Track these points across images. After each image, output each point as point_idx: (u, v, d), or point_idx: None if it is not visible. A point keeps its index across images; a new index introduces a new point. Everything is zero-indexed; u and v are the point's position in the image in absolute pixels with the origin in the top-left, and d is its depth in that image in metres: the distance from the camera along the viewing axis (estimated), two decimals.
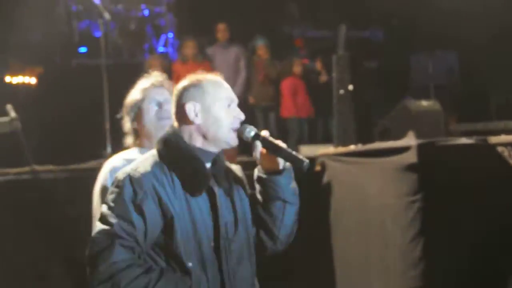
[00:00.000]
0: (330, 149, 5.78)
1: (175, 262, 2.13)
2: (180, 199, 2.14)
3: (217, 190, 2.21)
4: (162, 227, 2.13)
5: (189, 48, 7.51)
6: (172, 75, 7.48)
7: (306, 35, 9.20)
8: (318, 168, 5.17)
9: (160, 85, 2.80)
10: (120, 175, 2.17)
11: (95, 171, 2.61)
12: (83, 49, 8.68)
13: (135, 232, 2.08)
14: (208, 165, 2.22)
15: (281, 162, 2.24)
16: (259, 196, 2.30)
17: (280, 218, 2.28)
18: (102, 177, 2.74)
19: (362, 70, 8.59)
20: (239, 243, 2.22)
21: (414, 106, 6.23)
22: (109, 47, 5.49)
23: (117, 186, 2.15)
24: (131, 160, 2.63)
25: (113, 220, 2.09)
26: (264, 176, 2.26)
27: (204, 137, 2.20)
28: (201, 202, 2.18)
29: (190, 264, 2.11)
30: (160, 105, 2.74)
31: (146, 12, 8.95)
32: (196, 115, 2.20)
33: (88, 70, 7.89)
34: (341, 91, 5.76)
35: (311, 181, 4.99)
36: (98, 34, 8.50)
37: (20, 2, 7.73)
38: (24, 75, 7.71)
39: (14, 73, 7.71)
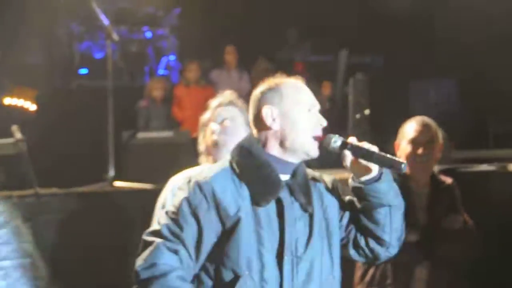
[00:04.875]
0: (344, 174, 5.74)
1: (228, 270, 1.98)
2: (246, 207, 2.00)
3: (290, 203, 2.04)
4: (219, 235, 2.00)
5: (192, 71, 7.48)
6: (174, 99, 7.50)
7: (306, 60, 9.23)
8: None
9: (228, 104, 2.81)
10: (187, 178, 2.08)
11: (96, 195, 2.60)
12: (83, 71, 8.68)
13: (183, 235, 1.97)
14: (285, 176, 2.06)
15: (375, 167, 2.05)
16: (359, 206, 2.11)
17: (388, 224, 2.10)
18: (163, 197, 2.75)
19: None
20: (310, 262, 2.03)
21: None
22: (110, 69, 5.47)
23: (180, 189, 2.07)
24: None
25: (163, 221, 2.01)
26: (361, 186, 2.06)
27: (282, 144, 2.05)
28: (271, 213, 2.02)
29: (246, 272, 1.96)
30: (223, 122, 2.74)
31: (148, 34, 8.96)
32: (274, 120, 2.05)
33: (89, 92, 7.89)
34: (358, 115, 5.74)
35: None
36: (99, 55, 8.53)
37: (20, 23, 7.72)
38: (24, 97, 7.67)
39: (14, 95, 7.67)
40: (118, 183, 5.01)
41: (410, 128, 3.16)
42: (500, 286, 4.03)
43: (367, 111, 5.77)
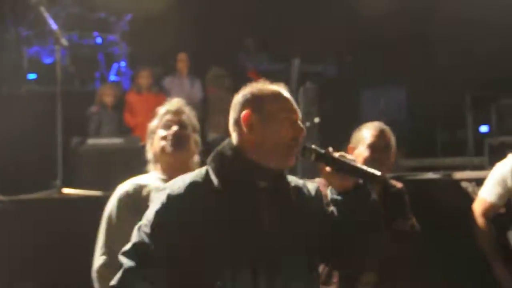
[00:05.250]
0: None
1: (201, 284, 1.89)
2: (222, 218, 1.90)
3: (268, 210, 1.96)
4: (193, 251, 1.89)
5: (144, 78, 7.45)
6: (126, 105, 7.42)
7: (260, 68, 9.26)
8: None
9: (176, 111, 2.78)
10: (160, 189, 2.01)
11: (44, 202, 2.54)
12: (32, 76, 8.51)
13: (154, 255, 1.89)
14: (263, 183, 1.99)
15: (354, 180, 2.00)
16: (338, 218, 2.04)
17: (361, 240, 2.03)
18: (110, 204, 2.70)
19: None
20: (287, 276, 1.94)
21: None
22: (59, 74, 5.37)
23: (152, 201, 2.00)
24: (143, 186, 2.71)
25: (134, 239, 1.94)
26: (338, 197, 2.02)
27: (260, 150, 1.99)
28: (248, 221, 1.93)
29: (219, 283, 1.87)
30: (173, 130, 2.74)
31: (99, 40, 8.85)
32: (253, 126, 2.00)
33: (38, 98, 7.73)
34: (308, 123, 5.76)
35: None
36: (48, 60, 8.37)
37: None
38: None
39: None
40: (66, 190, 4.91)
41: (367, 133, 3.18)
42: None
43: (316, 119, 5.80)
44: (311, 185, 2.13)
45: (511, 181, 3.38)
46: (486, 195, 3.44)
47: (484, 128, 8.43)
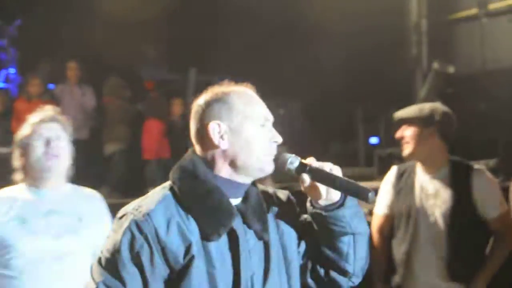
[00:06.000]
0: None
1: None
2: (195, 243, 1.67)
3: (243, 233, 1.73)
4: (167, 282, 1.67)
5: (34, 85, 7.20)
6: (14, 113, 7.11)
7: (157, 78, 9.19)
8: None
9: (50, 120, 2.64)
10: (119, 214, 1.73)
11: None
12: None
13: None
14: (236, 200, 1.76)
15: (337, 192, 1.76)
16: (319, 233, 1.81)
17: (352, 253, 1.82)
18: None
19: None
20: None
21: None
22: None
23: (113, 230, 1.71)
24: (12, 197, 2.56)
25: (98, 277, 1.66)
26: (323, 213, 1.75)
27: (232, 164, 1.74)
28: (223, 248, 1.70)
29: None
30: (48, 142, 2.59)
31: None
32: (222, 138, 1.74)
33: None
34: None
35: None
36: None
37: None
38: None
39: None
40: None
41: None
42: None
43: None
44: (282, 194, 1.91)
45: (394, 191, 3.45)
46: (376, 209, 3.51)
47: (374, 140, 8.73)
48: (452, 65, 7.72)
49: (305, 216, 1.87)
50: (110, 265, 1.66)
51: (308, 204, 1.80)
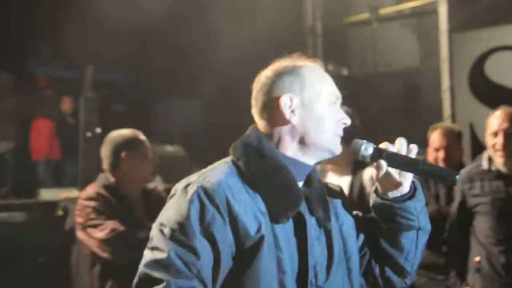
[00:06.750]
0: (74, 193, 5.65)
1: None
2: (264, 223, 1.53)
3: (309, 219, 1.62)
4: (235, 260, 1.52)
5: None
6: None
7: (52, 75, 8.94)
8: (60, 212, 5.03)
9: None
10: (182, 184, 1.56)
11: None
12: None
13: (198, 265, 1.47)
14: (300, 183, 1.64)
15: (407, 182, 1.67)
16: (383, 227, 1.71)
17: (413, 250, 1.72)
18: None
19: (109, 113, 8.58)
20: (331, 287, 1.62)
21: (159, 151, 6.38)
22: None
23: (177, 200, 1.53)
24: None
25: (168, 246, 1.48)
26: (392, 203, 1.66)
27: (300, 142, 1.63)
28: (288, 232, 1.58)
29: None
30: None
31: None
32: (293, 112, 1.62)
33: None
34: (89, 134, 5.68)
35: (54, 225, 4.82)
36: None
37: None
38: None
39: None
40: None
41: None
42: None
43: (98, 130, 5.76)
44: (335, 186, 1.83)
45: None
46: None
47: None
48: (345, 67, 8.00)
49: (356, 212, 1.80)
50: (179, 235, 1.49)
51: (373, 195, 1.72)
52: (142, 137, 3.31)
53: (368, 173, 3.62)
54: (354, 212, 1.80)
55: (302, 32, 8.16)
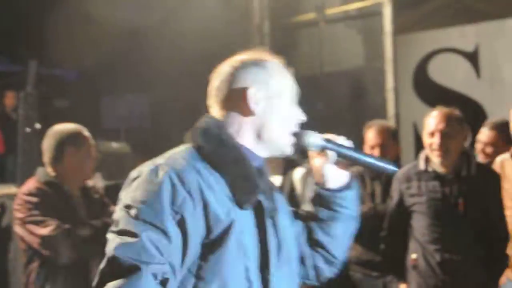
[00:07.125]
0: (12, 189, 5.51)
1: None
2: (231, 208, 1.54)
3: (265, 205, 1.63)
4: (203, 244, 1.50)
5: None
6: None
7: None
8: None
9: None
10: (148, 166, 1.52)
11: None
12: None
13: (169, 249, 1.43)
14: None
15: (347, 172, 1.75)
16: (318, 216, 1.77)
17: (342, 238, 1.79)
18: None
19: (52, 108, 8.44)
20: (282, 275, 1.64)
21: (103, 148, 6.31)
22: None
23: (145, 182, 1.48)
24: None
25: (138, 228, 1.42)
26: (331, 193, 1.73)
27: (258, 134, 1.64)
28: (248, 218, 1.58)
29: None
30: None
31: None
32: (257, 104, 1.63)
33: None
34: (28, 129, 5.55)
35: None
36: None
37: None
38: None
39: None
40: None
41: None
42: None
43: (38, 125, 5.64)
44: (272, 179, 1.86)
45: None
46: None
47: None
48: (292, 66, 8.06)
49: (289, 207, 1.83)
50: (149, 217, 1.44)
51: (314, 186, 1.76)
52: (86, 133, 3.26)
53: (299, 173, 3.70)
54: (289, 208, 1.84)
55: (249, 30, 8.18)
